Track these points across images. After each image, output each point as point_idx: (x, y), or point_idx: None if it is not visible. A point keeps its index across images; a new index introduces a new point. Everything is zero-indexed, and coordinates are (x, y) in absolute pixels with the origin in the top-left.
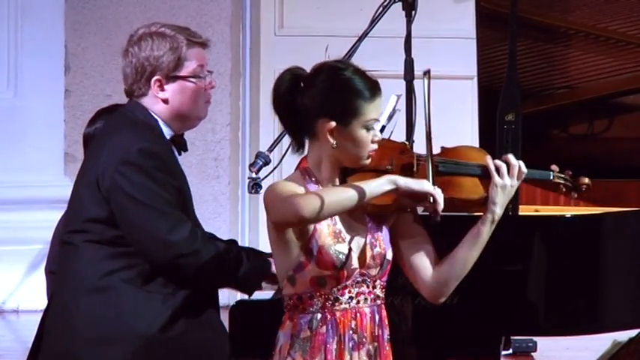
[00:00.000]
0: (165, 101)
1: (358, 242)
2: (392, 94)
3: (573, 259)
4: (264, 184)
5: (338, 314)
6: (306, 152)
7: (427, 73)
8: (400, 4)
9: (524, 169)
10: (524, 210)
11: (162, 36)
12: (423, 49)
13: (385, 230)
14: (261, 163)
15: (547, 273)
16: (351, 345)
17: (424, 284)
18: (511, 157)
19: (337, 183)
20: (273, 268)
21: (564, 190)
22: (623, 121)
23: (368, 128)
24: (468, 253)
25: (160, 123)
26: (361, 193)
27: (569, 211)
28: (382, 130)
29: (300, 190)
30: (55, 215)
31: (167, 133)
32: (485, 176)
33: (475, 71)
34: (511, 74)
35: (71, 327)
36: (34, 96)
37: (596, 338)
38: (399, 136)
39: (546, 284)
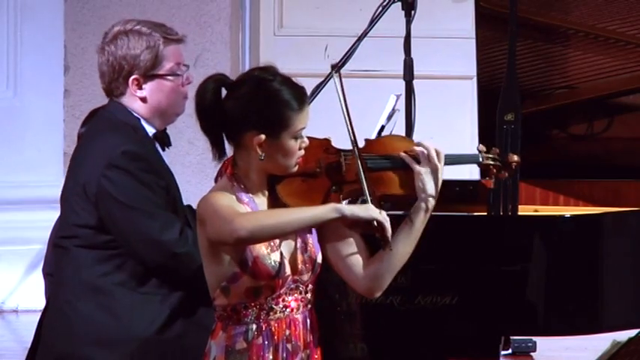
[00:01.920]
0: (144, 100)
1: (289, 247)
2: (391, 93)
3: (572, 259)
4: None
5: (273, 324)
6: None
7: (335, 67)
8: (399, 3)
9: (439, 149)
10: (524, 210)
11: (138, 34)
12: (423, 49)
13: (313, 231)
14: None
15: (546, 273)
16: (285, 355)
17: (357, 280)
18: (423, 142)
19: (266, 191)
20: None
21: (495, 170)
22: (623, 121)
23: (297, 137)
24: (403, 245)
25: (142, 121)
26: (304, 220)
27: (568, 211)
28: (382, 130)
29: (234, 202)
30: (54, 215)
31: (150, 131)
32: (408, 167)
33: (474, 71)
34: (510, 74)
35: (69, 330)
36: (33, 96)
37: (595, 338)
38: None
39: (546, 284)
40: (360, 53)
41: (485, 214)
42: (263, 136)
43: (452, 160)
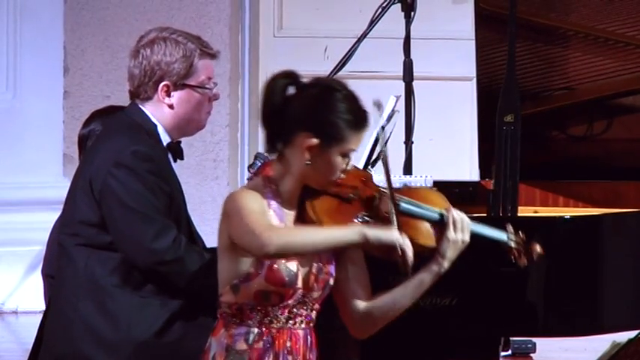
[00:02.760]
0: (170, 107)
1: (305, 263)
2: (391, 95)
3: (572, 260)
4: None
5: (274, 332)
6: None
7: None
8: (399, 5)
9: (467, 221)
10: (523, 211)
11: (175, 42)
12: (422, 50)
13: (333, 261)
14: (259, 164)
15: (546, 274)
16: None
17: (351, 315)
18: (456, 212)
19: (295, 203)
20: None
21: (515, 253)
22: (622, 122)
23: (345, 156)
24: (404, 298)
25: (159, 129)
26: (330, 241)
27: (568, 212)
28: (382, 130)
29: (264, 207)
30: (54, 216)
31: (165, 139)
32: (440, 225)
33: (474, 72)
34: (510, 75)
35: (69, 332)
36: (33, 97)
37: (595, 339)
38: (399, 136)
39: (545, 285)
40: (359, 54)
41: (485, 215)
42: (316, 141)
43: (478, 231)
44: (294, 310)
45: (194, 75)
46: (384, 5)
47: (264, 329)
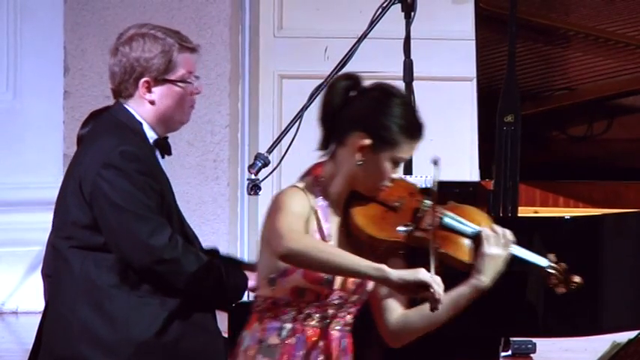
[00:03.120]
0: (152, 103)
1: None
2: None
3: (572, 261)
4: (264, 186)
5: (307, 330)
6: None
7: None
8: (399, 5)
9: (511, 238)
10: (524, 211)
11: (154, 38)
12: (422, 50)
13: None
14: (260, 164)
15: None
16: None
17: (386, 325)
18: (500, 229)
19: (341, 204)
20: (251, 283)
21: (554, 281)
22: (623, 123)
23: (395, 164)
24: (441, 312)
25: (145, 126)
26: (348, 269)
27: (568, 213)
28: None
29: (307, 210)
30: None
31: (151, 136)
32: (477, 241)
33: (474, 73)
34: (510, 76)
35: (68, 334)
36: (33, 97)
37: (595, 340)
38: None
39: (545, 285)
40: (359, 55)
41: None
42: (368, 141)
43: (518, 252)
44: (330, 311)
45: (174, 70)
46: (384, 6)
47: (297, 326)
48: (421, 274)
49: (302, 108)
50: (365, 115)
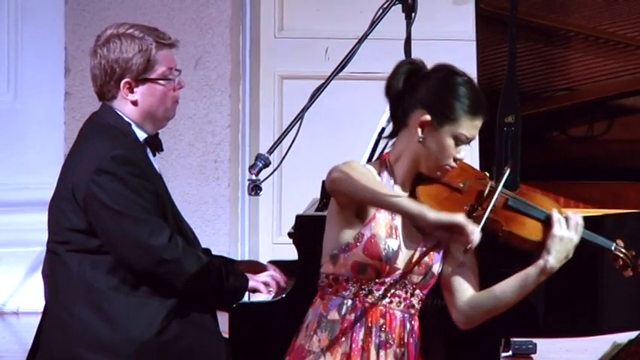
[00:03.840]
0: (135, 103)
1: (410, 245)
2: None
3: (573, 261)
4: (264, 186)
5: (368, 306)
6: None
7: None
8: (400, 6)
9: (580, 226)
10: None
11: (130, 37)
12: (423, 51)
13: (441, 251)
14: (260, 165)
15: None
16: (377, 341)
17: (456, 307)
18: (571, 214)
19: (408, 185)
20: (251, 283)
21: (621, 263)
22: (623, 123)
23: (457, 141)
24: (509, 293)
25: (133, 126)
26: (389, 201)
27: None
28: (382, 131)
29: (372, 174)
30: None
31: (141, 135)
32: (547, 224)
33: (475, 73)
34: (511, 76)
35: (67, 335)
36: (34, 98)
37: (595, 340)
38: None
39: (546, 286)
40: (360, 55)
41: None
42: (428, 117)
43: (586, 236)
44: (392, 289)
45: (154, 68)
46: (384, 6)
47: (357, 302)
48: (459, 217)
49: (303, 109)
50: (427, 93)
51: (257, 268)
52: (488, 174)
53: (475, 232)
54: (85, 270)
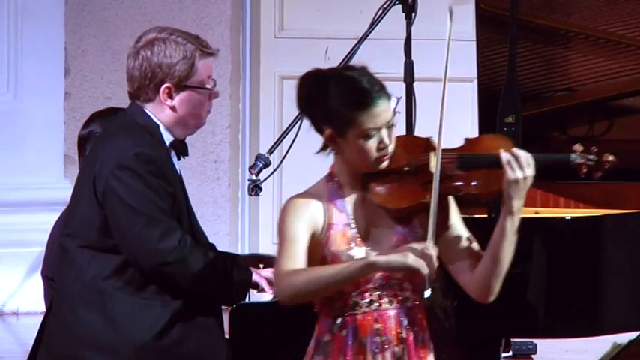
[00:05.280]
0: (173, 108)
1: (381, 245)
2: (392, 96)
3: (573, 261)
4: (264, 187)
5: (359, 317)
6: None
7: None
8: (400, 6)
9: (530, 159)
10: (525, 212)
11: (175, 43)
12: (423, 51)
13: (416, 232)
14: (261, 165)
15: (547, 275)
16: (373, 347)
17: (468, 285)
18: (516, 150)
19: (358, 188)
20: (254, 277)
21: (585, 170)
22: (623, 124)
23: (368, 137)
24: (498, 250)
25: (161, 128)
26: (341, 280)
27: (569, 214)
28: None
29: (311, 217)
30: (55, 217)
31: (167, 138)
32: (499, 168)
33: (475, 74)
34: (511, 76)
35: (70, 335)
36: (34, 98)
37: (596, 340)
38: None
39: (546, 286)
40: (360, 56)
41: (486, 216)
42: (329, 131)
43: (542, 160)
44: (377, 292)
45: (195, 75)
46: (384, 6)
47: (347, 317)
48: (408, 258)
49: None
50: (316, 110)
51: (261, 260)
52: (431, 138)
53: (426, 270)
54: (94, 268)
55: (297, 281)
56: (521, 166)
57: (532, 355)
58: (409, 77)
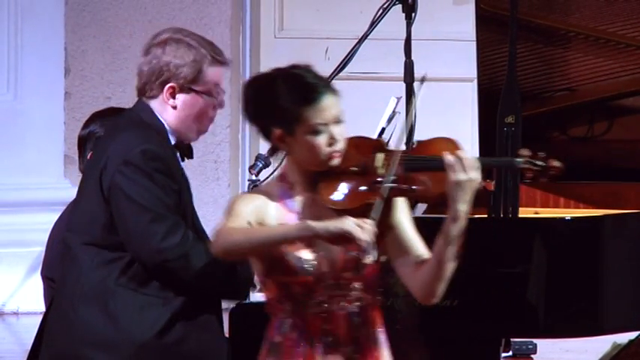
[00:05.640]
0: (174, 108)
1: (325, 247)
2: (392, 96)
3: (573, 261)
4: None
5: (308, 319)
6: None
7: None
8: (400, 6)
9: (476, 163)
10: (525, 212)
11: (188, 46)
12: (423, 51)
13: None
14: (260, 165)
15: (547, 275)
16: (323, 349)
17: (412, 286)
18: (461, 152)
19: (309, 188)
20: (255, 278)
21: (531, 175)
22: (623, 124)
23: (317, 133)
24: (442, 254)
25: (167, 127)
26: (275, 238)
27: (568, 214)
28: (382, 132)
29: (256, 209)
30: (55, 217)
31: (172, 139)
32: (444, 170)
33: (475, 73)
34: (511, 76)
35: (70, 333)
36: (34, 98)
37: (596, 340)
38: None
39: (546, 286)
40: (360, 55)
41: (486, 216)
42: (279, 131)
43: (487, 164)
44: (328, 293)
45: (201, 81)
46: (384, 6)
47: (296, 319)
48: (345, 224)
49: None
50: (263, 110)
51: None
52: (382, 139)
53: (364, 237)
54: (96, 266)
55: (235, 236)
56: (464, 168)
57: (532, 355)
58: (409, 77)
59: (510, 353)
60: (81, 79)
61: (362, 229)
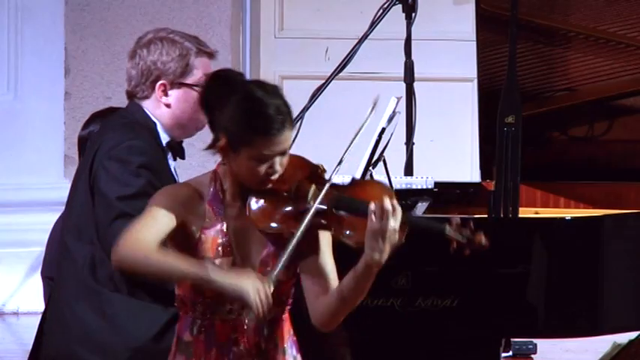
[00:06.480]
0: (168, 106)
1: (248, 258)
2: (392, 96)
3: (573, 261)
4: None
5: (217, 324)
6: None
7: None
8: (400, 6)
9: (400, 216)
10: (525, 212)
11: (171, 42)
12: (423, 51)
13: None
14: None
15: (547, 275)
16: (231, 356)
17: (312, 309)
18: (388, 203)
19: (237, 199)
20: None
21: (455, 246)
22: (623, 124)
23: (259, 161)
24: (347, 293)
25: (158, 127)
26: (174, 272)
27: (569, 214)
28: (382, 132)
29: (175, 205)
30: (55, 217)
31: (164, 138)
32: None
33: (475, 73)
34: (511, 76)
35: (67, 335)
36: (33, 98)
37: (596, 340)
38: (400, 138)
39: (546, 286)
40: (360, 55)
41: (486, 216)
42: (224, 141)
43: (418, 223)
44: (238, 302)
45: (191, 74)
46: (385, 6)
47: (206, 322)
48: (245, 289)
49: (303, 109)
50: (224, 116)
51: None
52: (322, 166)
53: (258, 309)
54: (93, 267)
55: (137, 253)
56: (385, 218)
57: (532, 355)
58: (409, 77)
59: (510, 353)
60: (81, 80)
61: (259, 299)
